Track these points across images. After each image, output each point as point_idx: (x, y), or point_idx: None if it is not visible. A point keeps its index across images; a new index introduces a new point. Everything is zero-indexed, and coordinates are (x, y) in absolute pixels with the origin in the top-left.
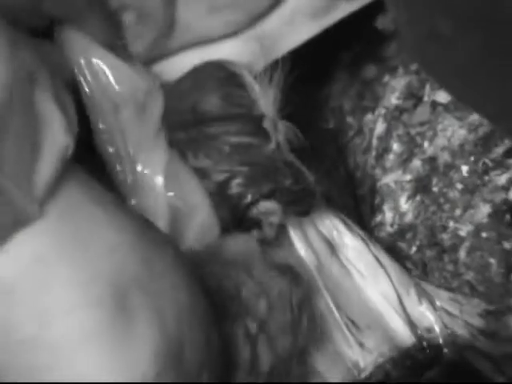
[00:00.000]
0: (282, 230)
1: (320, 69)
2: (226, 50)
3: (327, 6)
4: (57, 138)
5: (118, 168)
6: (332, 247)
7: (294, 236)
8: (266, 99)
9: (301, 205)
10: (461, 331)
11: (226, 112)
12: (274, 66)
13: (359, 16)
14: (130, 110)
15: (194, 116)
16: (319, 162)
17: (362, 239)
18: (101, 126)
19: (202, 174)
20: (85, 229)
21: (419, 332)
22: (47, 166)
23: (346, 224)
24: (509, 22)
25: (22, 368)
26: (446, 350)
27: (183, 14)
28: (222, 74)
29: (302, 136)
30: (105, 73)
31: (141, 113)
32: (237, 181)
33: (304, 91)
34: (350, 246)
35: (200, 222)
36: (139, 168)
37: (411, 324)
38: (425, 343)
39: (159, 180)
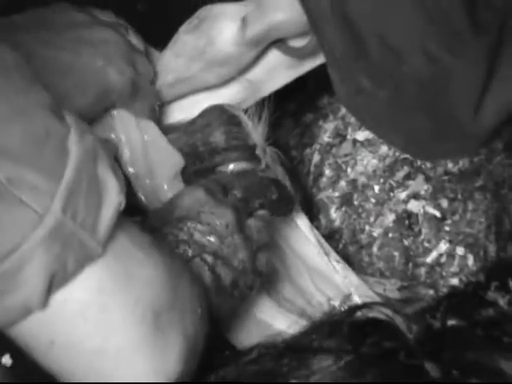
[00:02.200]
0: None
1: (273, 116)
2: (225, 92)
3: (299, 60)
4: (113, 197)
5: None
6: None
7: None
8: (256, 133)
9: (283, 209)
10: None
11: (228, 144)
12: (262, 107)
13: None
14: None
15: (204, 147)
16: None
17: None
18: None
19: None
20: (130, 266)
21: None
22: (107, 217)
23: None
24: (408, 80)
25: (87, 373)
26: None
27: (184, 71)
28: (224, 116)
29: (284, 156)
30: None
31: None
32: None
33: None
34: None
35: None
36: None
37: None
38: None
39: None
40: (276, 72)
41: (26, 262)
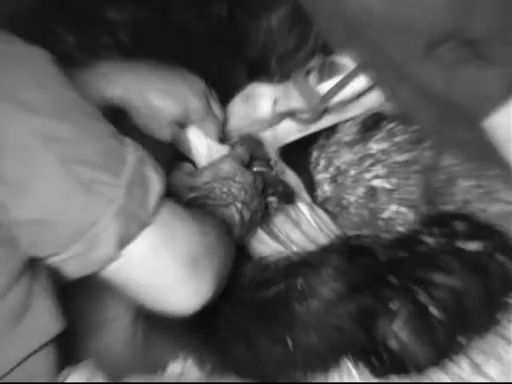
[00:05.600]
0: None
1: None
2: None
3: (308, 124)
4: (156, 186)
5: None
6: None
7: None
8: (272, 151)
9: (287, 199)
10: None
11: (254, 155)
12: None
13: None
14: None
15: None
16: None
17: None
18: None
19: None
20: (173, 230)
21: None
22: (153, 198)
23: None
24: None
25: (150, 298)
26: None
27: (236, 125)
28: (253, 140)
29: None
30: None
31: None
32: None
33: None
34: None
35: None
36: None
37: None
38: None
39: None
40: (289, 134)
41: (104, 229)
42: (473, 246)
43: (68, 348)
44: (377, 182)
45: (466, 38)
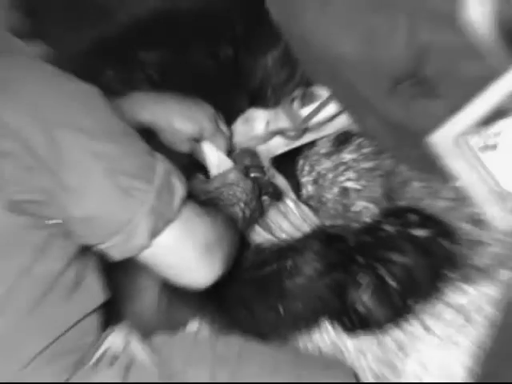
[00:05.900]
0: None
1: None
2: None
3: (293, 140)
4: (179, 190)
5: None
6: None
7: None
8: (265, 161)
9: (277, 197)
10: None
11: (251, 164)
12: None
13: None
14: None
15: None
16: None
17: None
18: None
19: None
20: (193, 224)
21: None
22: (177, 200)
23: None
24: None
25: (165, 265)
26: None
27: (239, 141)
28: (251, 152)
29: (280, 173)
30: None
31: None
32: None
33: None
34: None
35: None
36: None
37: None
38: None
39: None
40: (279, 147)
41: (138, 225)
42: (422, 232)
43: (110, 312)
44: (349, 184)
45: (421, 78)
